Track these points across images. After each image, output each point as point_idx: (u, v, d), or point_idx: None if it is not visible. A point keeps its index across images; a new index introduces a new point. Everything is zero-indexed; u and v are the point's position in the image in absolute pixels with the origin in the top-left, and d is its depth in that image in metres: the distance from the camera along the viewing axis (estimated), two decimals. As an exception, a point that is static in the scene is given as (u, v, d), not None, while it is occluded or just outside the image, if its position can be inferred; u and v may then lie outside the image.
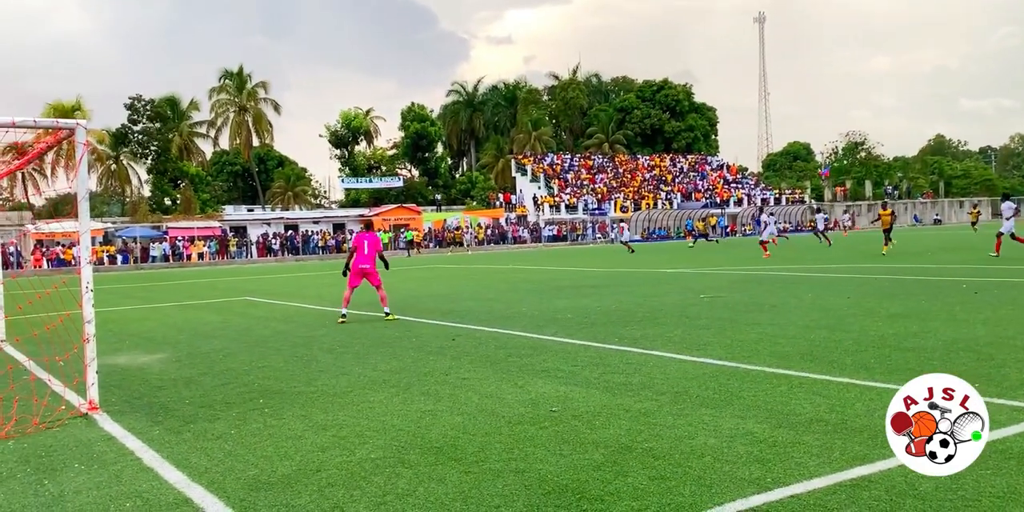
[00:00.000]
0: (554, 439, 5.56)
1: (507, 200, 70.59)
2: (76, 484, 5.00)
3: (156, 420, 6.64)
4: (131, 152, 70.06)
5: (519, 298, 16.42)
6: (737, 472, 4.71)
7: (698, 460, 4.97)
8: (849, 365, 7.68)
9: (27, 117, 7.27)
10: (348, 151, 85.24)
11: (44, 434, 6.33)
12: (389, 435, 5.84)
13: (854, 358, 8.05)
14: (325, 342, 10.81)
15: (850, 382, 6.87)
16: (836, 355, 8.23)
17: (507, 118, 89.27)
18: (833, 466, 4.74)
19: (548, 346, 9.64)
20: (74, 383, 7.79)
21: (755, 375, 7.41)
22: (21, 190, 66.66)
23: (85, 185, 7.41)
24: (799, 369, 7.56)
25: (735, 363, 8.01)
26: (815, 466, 4.75)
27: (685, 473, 4.73)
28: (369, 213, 65.07)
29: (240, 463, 5.29)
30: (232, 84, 75.78)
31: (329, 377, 8.22)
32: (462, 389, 7.32)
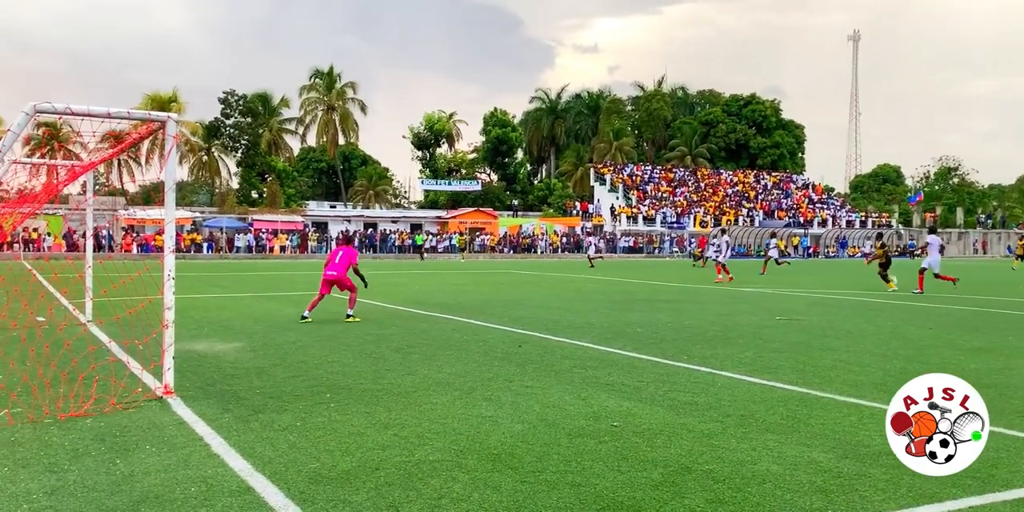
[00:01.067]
0: (613, 455, 5.52)
1: (584, 209, 70.44)
2: (146, 465, 5.18)
3: (226, 408, 6.83)
4: (222, 145, 72.25)
5: (590, 309, 16.35)
6: (798, 501, 4.60)
7: (759, 486, 4.86)
8: (926, 398, 7.41)
9: (121, 108, 7.57)
10: (429, 153, 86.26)
11: (120, 414, 6.57)
12: (448, 438, 5.88)
13: (931, 391, 7.77)
14: (394, 341, 10.95)
15: (925, 416, 6.63)
16: (912, 387, 7.95)
17: (589, 127, 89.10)
18: (899, 502, 4.59)
19: (615, 360, 9.57)
20: (151, 367, 8.06)
21: (825, 402, 7.22)
22: (116, 176, 69.46)
23: (173, 176, 7.68)
24: (872, 399, 7.34)
25: (806, 389, 7.82)
26: (880, 501, 4.60)
27: (744, 498, 4.64)
28: (446, 215, 65.75)
29: (303, 456, 5.40)
30: (322, 83, 77.52)
31: (395, 376, 8.33)
32: (524, 397, 7.32)
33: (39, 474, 4.97)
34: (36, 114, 6.84)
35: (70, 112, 6.97)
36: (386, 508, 4.42)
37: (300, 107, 77.75)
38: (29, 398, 6.98)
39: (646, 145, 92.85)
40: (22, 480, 4.84)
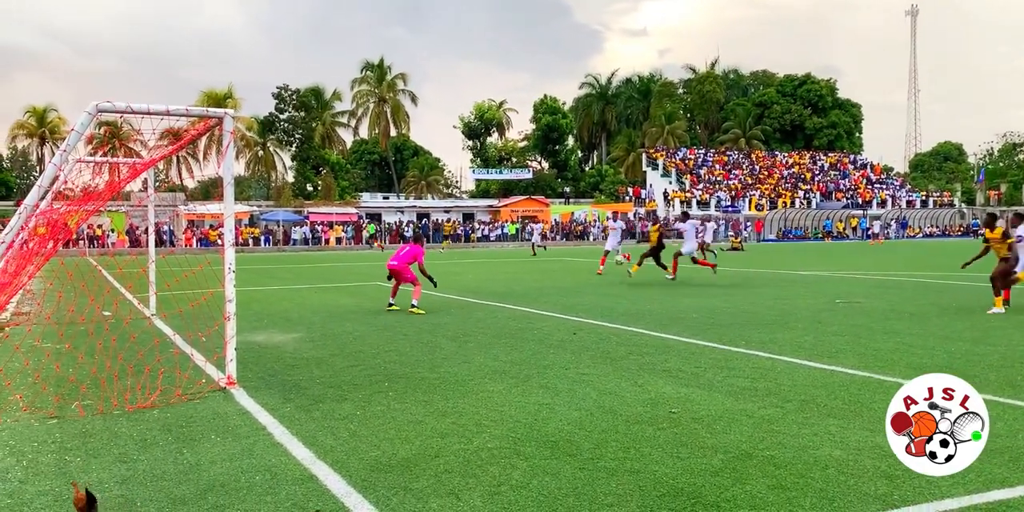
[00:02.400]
0: (672, 441, 5.48)
1: (636, 194, 69.89)
2: (212, 455, 5.30)
3: (288, 397, 6.95)
4: (277, 139, 73.33)
5: (644, 295, 16.24)
6: (863, 487, 4.52)
7: (821, 472, 4.79)
8: (993, 381, 7.22)
9: (179, 106, 7.72)
10: (480, 142, 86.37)
11: (185, 405, 6.73)
12: (506, 426, 5.90)
13: (999, 374, 7.57)
14: (449, 330, 11.02)
15: (993, 399, 6.44)
16: (979, 370, 7.75)
17: (640, 111, 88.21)
18: (968, 487, 4.48)
19: (671, 346, 9.50)
20: (214, 358, 8.25)
21: (889, 387, 7.07)
22: (176, 173, 71.01)
23: (231, 171, 7.82)
24: (938, 383, 7.16)
25: (868, 373, 7.67)
26: (948, 486, 4.50)
27: (807, 484, 4.58)
28: (498, 204, 65.80)
29: (364, 444, 5.48)
30: (373, 76, 78.09)
31: (452, 365, 8.38)
32: (581, 384, 7.31)
33: (110, 464, 5.12)
34: (98, 113, 7.00)
35: (131, 110, 7.13)
36: (447, 495, 4.46)
37: (352, 100, 78.54)
38: (98, 390, 7.19)
39: (699, 128, 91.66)
40: (94, 470, 5.00)
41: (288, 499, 4.43)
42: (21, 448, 5.48)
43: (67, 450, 5.44)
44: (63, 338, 9.98)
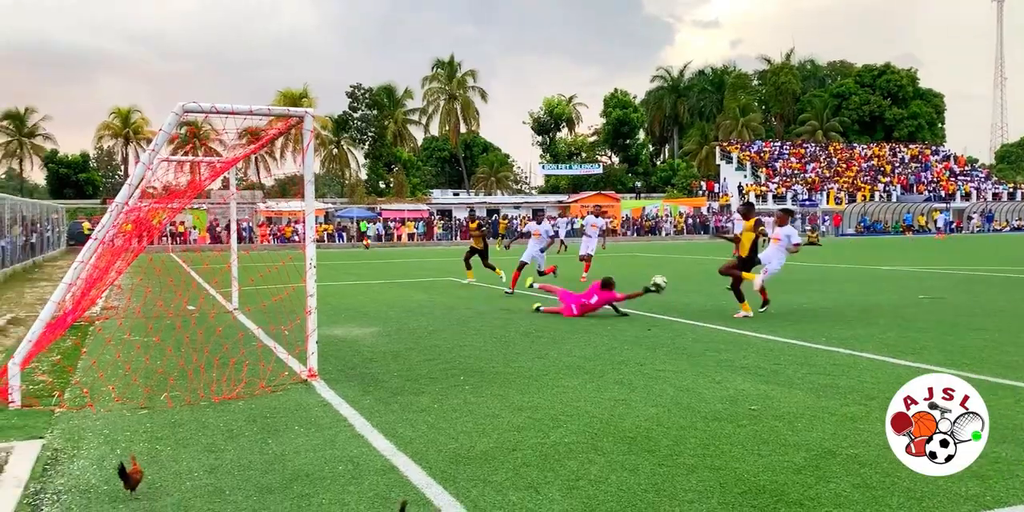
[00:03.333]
0: (752, 438, 5.41)
1: (710, 188, 68.89)
2: (296, 445, 5.43)
3: (367, 390, 7.07)
4: (351, 137, 74.54)
5: (720, 290, 15.99)
6: (952, 487, 4.39)
7: (908, 471, 4.63)
8: (1093, 381, 6.92)
9: (261, 106, 7.92)
10: (550, 138, 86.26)
11: (269, 397, 6.91)
12: (583, 421, 5.90)
13: (1099, 373, 7.24)
14: (522, 325, 11.05)
15: (1094, 400, 6.18)
16: (1077, 369, 7.43)
17: (713, 104, 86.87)
18: (1069, 491, 4.31)
19: (750, 342, 9.35)
20: (296, 351, 8.44)
21: (977, 384, 6.78)
22: (254, 171, 72.80)
23: (311, 169, 7.99)
24: (1032, 382, 6.90)
25: (955, 370, 7.41)
26: (1047, 489, 4.33)
27: (893, 483, 4.47)
28: (568, 199, 65.61)
29: (442, 436, 5.54)
30: (443, 73, 78.69)
31: (526, 359, 8.41)
32: (657, 381, 7.26)
33: (199, 453, 5.29)
34: (184, 114, 7.23)
35: (215, 110, 7.34)
36: (525, 488, 4.48)
37: (423, 98, 79.28)
38: (186, 382, 7.44)
39: (774, 120, 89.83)
40: (184, 459, 5.17)
41: (371, 489, 4.52)
42: (115, 437, 5.70)
43: (158, 439, 5.63)
44: (152, 331, 10.33)
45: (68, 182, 65.17)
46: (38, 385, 7.39)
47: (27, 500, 4.42)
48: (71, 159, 66.90)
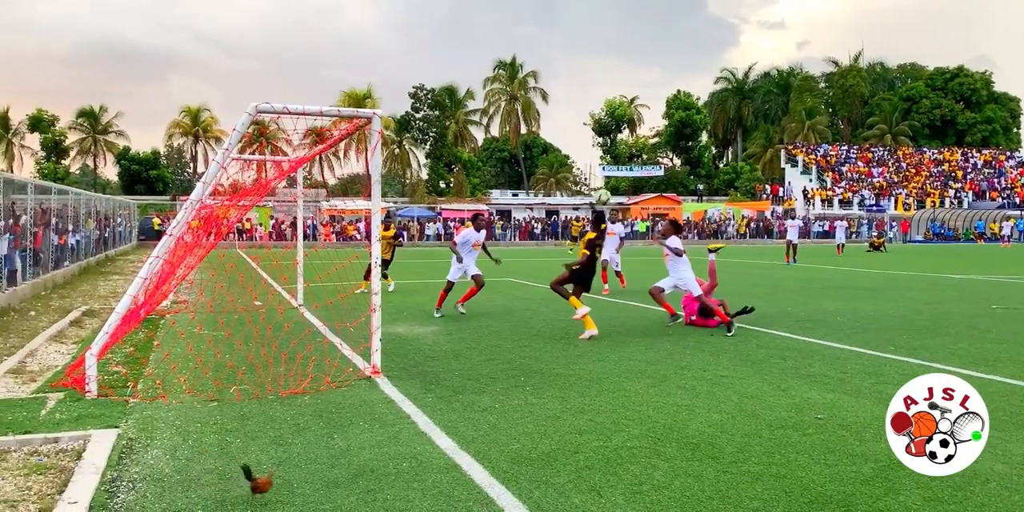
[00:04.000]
0: (819, 447, 5.32)
1: (774, 192, 67.83)
2: (360, 441, 5.52)
3: (429, 388, 7.14)
4: (412, 138, 75.26)
5: (784, 296, 15.77)
6: (1032, 506, 4.25)
7: (982, 486, 4.54)
8: None
9: (331, 107, 8.07)
10: (610, 139, 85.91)
11: (334, 392, 7.02)
12: (645, 426, 5.87)
13: None
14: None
15: None
16: None
17: (778, 106, 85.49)
18: None
19: (815, 350, 9.19)
20: (360, 348, 8.56)
21: (1057, 400, 6.61)
22: (318, 170, 73.99)
23: (378, 169, 8.10)
24: (1114, 398, 6.64)
25: (1033, 384, 7.20)
26: None
27: (966, 498, 4.36)
28: (628, 201, 65.26)
29: (504, 436, 5.57)
30: (505, 74, 78.98)
31: (586, 362, 8.40)
32: (720, 387, 7.18)
33: (267, 446, 5.41)
34: (257, 114, 7.41)
35: (287, 111, 7.50)
36: (588, 491, 4.48)
37: (484, 98, 79.71)
38: (254, 376, 7.61)
39: (841, 124, 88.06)
40: (253, 451, 5.29)
41: (434, 487, 4.57)
42: (186, 428, 5.86)
43: (227, 431, 5.78)
44: (222, 326, 10.60)
45: (139, 178, 67.08)
46: (113, 376, 7.63)
47: (104, 487, 4.57)
48: (142, 156, 68.86)
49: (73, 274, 19.69)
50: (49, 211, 17.66)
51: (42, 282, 15.91)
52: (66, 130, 70.82)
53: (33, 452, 5.27)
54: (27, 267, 15.06)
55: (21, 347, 9.33)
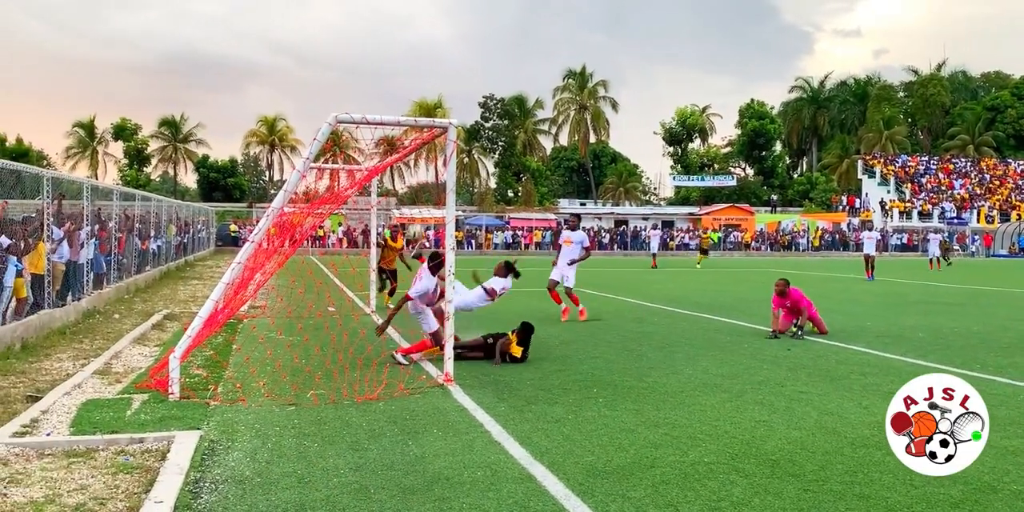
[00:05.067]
0: (904, 468, 5.10)
1: (851, 203, 66.20)
2: (435, 448, 5.55)
3: (501, 397, 7.15)
4: (481, 147, 75.77)
5: (861, 310, 15.37)
6: None
7: (1084, 514, 4.33)
8: None
9: (409, 117, 8.18)
10: (681, 148, 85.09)
11: (408, 399, 7.09)
12: (722, 441, 5.77)
13: None
14: (654, 339, 10.92)
15: None
16: None
17: (855, 116, 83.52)
18: None
19: (897, 367, 8.91)
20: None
21: None
22: (388, 178, 75.03)
23: (453, 178, 8.17)
24: None
25: None
26: None
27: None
28: (699, 211, 64.51)
29: (578, 448, 5.54)
30: (574, 83, 78.95)
31: (660, 375, 8.30)
32: (799, 403, 7.02)
33: (344, 451, 5.48)
34: (336, 123, 7.55)
35: (365, 121, 7.63)
36: (665, 506, 4.42)
37: (553, 108, 79.76)
38: (330, 381, 7.73)
39: (921, 134, 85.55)
40: (330, 456, 5.36)
41: (509, 497, 4.56)
42: (266, 432, 5.97)
43: (305, 435, 5.87)
44: (299, 331, 10.81)
45: (217, 186, 69.04)
46: (194, 378, 7.84)
47: (188, 487, 4.68)
48: (220, 164, 70.85)
49: (154, 278, 20.33)
50: (133, 217, 18.28)
51: (125, 286, 16.46)
52: (148, 138, 73.32)
53: (120, 451, 5.44)
54: (112, 271, 15.61)
55: (106, 349, 9.67)
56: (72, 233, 11.84)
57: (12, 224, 9.85)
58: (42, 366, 8.57)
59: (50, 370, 8.36)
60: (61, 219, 11.67)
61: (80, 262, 12.81)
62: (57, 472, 4.97)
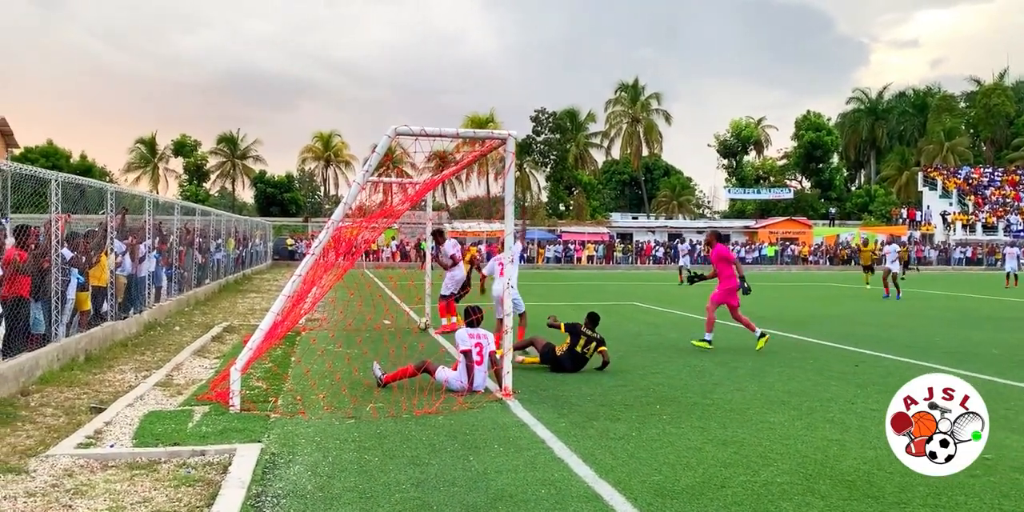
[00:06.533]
0: (989, 490, 4.89)
1: (911, 216, 64.64)
2: (497, 464, 5.43)
3: (561, 412, 7.01)
4: (533, 161, 75.73)
5: (927, 325, 14.88)
6: None
7: None
8: None
9: (467, 129, 8.13)
10: (736, 161, 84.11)
11: (467, 413, 6.98)
12: (794, 460, 5.55)
13: None
14: (716, 354, 10.67)
15: None
16: None
17: (915, 127, 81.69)
18: None
19: (974, 384, 8.53)
20: (490, 370, 8.51)
21: None
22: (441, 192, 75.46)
23: (511, 190, 8.09)
24: None
25: None
26: None
27: None
28: (755, 225, 63.57)
29: (644, 467, 5.37)
30: (627, 96, 78.65)
31: (724, 391, 8.08)
32: (872, 421, 6.75)
33: (404, 466, 5.39)
34: (396, 136, 7.53)
35: (424, 133, 7.60)
36: (740, 529, 4.24)
37: (605, 121, 79.51)
38: (389, 394, 7.67)
39: (984, 145, 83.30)
40: (391, 470, 5.28)
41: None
42: (326, 445, 5.92)
43: (365, 449, 5.80)
44: (358, 344, 10.80)
45: (274, 201, 70.11)
46: (254, 390, 7.85)
47: (250, 501, 4.63)
48: (277, 179, 72.02)
49: (214, 291, 20.62)
50: (193, 231, 18.58)
51: (185, 298, 16.71)
52: (207, 154, 74.95)
53: (182, 464, 5.43)
54: (172, 284, 15.85)
55: (167, 361, 9.76)
56: (133, 246, 12.03)
57: (76, 237, 10.02)
58: (105, 377, 8.68)
59: (113, 382, 8.46)
60: (124, 233, 11.87)
61: (142, 275, 13.01)
62: (120, 484, 4.96)
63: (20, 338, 8.28)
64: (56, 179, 9.07)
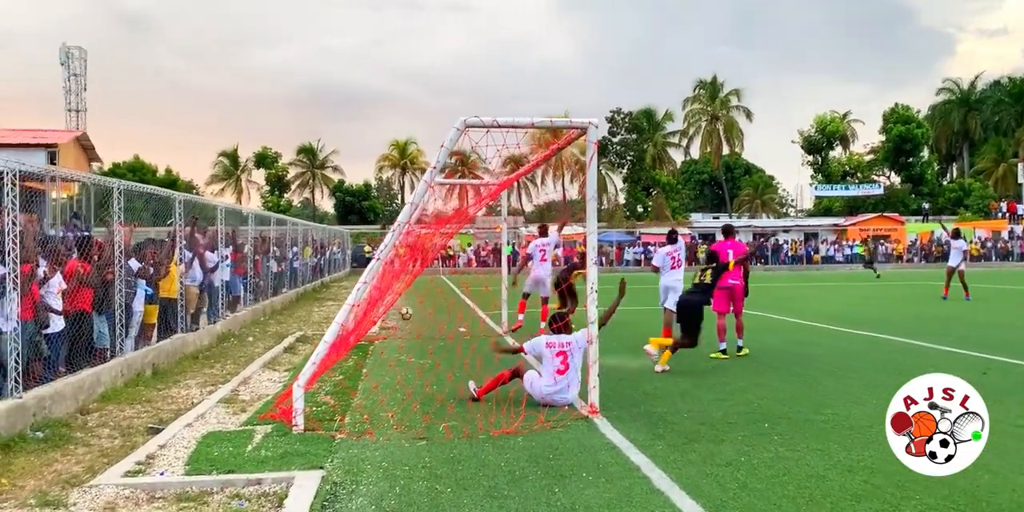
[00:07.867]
0: None
1: (1012, 210, 61.18)
2: (586, 496, 4.71)
3: (656, 433, 6.24)
4: (609, 162, 74.64)
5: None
6: None
7: None
8: None
9: (543, 118, 7.41)
10: (821, 157, 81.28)
11: (549, 434, 6.28)
12: (938, 492, 4.69)
13: None
14: (824, 362, 9.71)
15: None
16: None
17: (1012, 117, 77.41)
18: None
19: None
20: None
21: None
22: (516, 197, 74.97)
23: (594, 183, 7.37)
24: None
25: None
26: None
27: None
28: (844, 222, 61.25)
29: (759, 501, 4.58)
30: (705, 94, 76.81)
31: (839, 405, 7.18)
32: (1020, 441, 5.79)
33: (481, 498, 4.73)
34: (465, 128, 6.90)
35: (496, 124, 6.95)
36: (894, 590, 3.42)
37: (683, 120, 77.71)
38: (464, 411, 7.03)
39: (1089, 133, 78.58)
40: (466, 504, 4.62)
41: (686, 569, 3.67)
42: (394, 472, 5.29)
43: (437, 477, 5.16)
44: (431, 355, 10.21)
45: (353, 209, 70.74)
46: (321, 407, 7.31)
47: (305, 542, 4.03)
48: (355, 188, 72.65)
49: (291, 300, 20.43)
50: (268, 240, 18.37)
51: (261, 308, 16.45)
52: (288, 165, 76.13)
53: (235, 495, 4.88)
54: (247, 294, 15.59)
55: (236, 374, 9.34)
56: (201, 255, 11.71)
57: (143, 248, 9.69)
58: (169, 393, 8.28)
59: (176, 398, 8.04)
60: (193, 242, 11.56)
61: (215, 285, 12.72)
62: (164, 520, 4.43)
63: (83, 353, 7.94)
64: (118, 187, 8.75)
